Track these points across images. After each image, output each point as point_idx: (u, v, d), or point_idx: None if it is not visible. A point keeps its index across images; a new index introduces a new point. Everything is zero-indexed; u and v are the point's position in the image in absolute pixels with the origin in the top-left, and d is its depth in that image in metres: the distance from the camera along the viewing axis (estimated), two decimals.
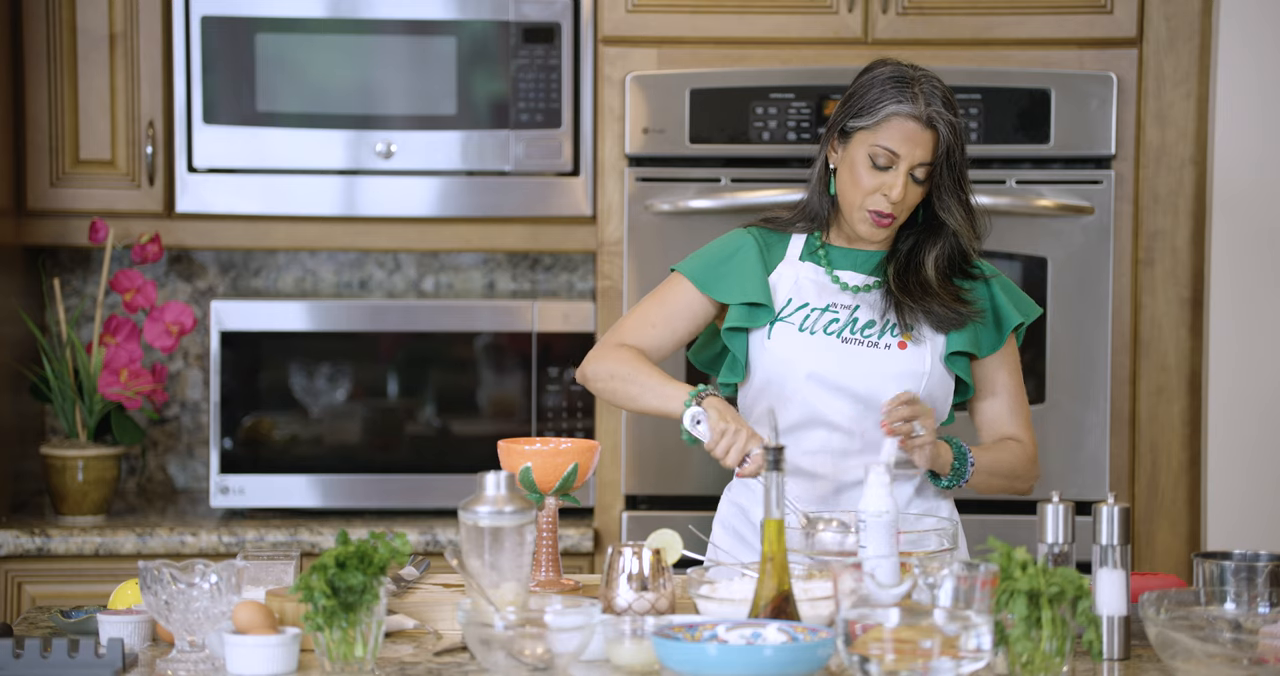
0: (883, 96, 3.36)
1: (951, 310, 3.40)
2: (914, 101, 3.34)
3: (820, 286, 3.44)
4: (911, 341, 3.40)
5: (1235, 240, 4.39)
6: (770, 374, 3.41)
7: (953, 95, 3.40)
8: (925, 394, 3.40)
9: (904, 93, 3.35)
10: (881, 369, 3.38)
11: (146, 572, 2.74)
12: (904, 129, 3.34)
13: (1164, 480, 4.49)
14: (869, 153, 3.36)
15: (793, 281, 3.44)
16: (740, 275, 3.44)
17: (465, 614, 2.61)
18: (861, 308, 3.42)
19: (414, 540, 4.38)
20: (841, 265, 3.46)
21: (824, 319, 3.41)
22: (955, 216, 3.40)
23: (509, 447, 3.17)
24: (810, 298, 3.43)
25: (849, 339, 3.40)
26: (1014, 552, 2.61)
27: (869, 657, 2.44)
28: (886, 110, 3.35)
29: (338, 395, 4.57)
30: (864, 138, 3.36)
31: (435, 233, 4.60)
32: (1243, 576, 2.88)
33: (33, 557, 4.37)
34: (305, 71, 4.55)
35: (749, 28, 4.46)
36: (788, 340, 3.40)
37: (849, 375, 3.38)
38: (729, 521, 3.51)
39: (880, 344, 3.40)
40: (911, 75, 3.37)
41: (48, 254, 4.84)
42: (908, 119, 3.34)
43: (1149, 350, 4.48)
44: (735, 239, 3.50)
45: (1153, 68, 4.46)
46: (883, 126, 3.35)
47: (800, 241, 3.48)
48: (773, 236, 3.50)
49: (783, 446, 2.72)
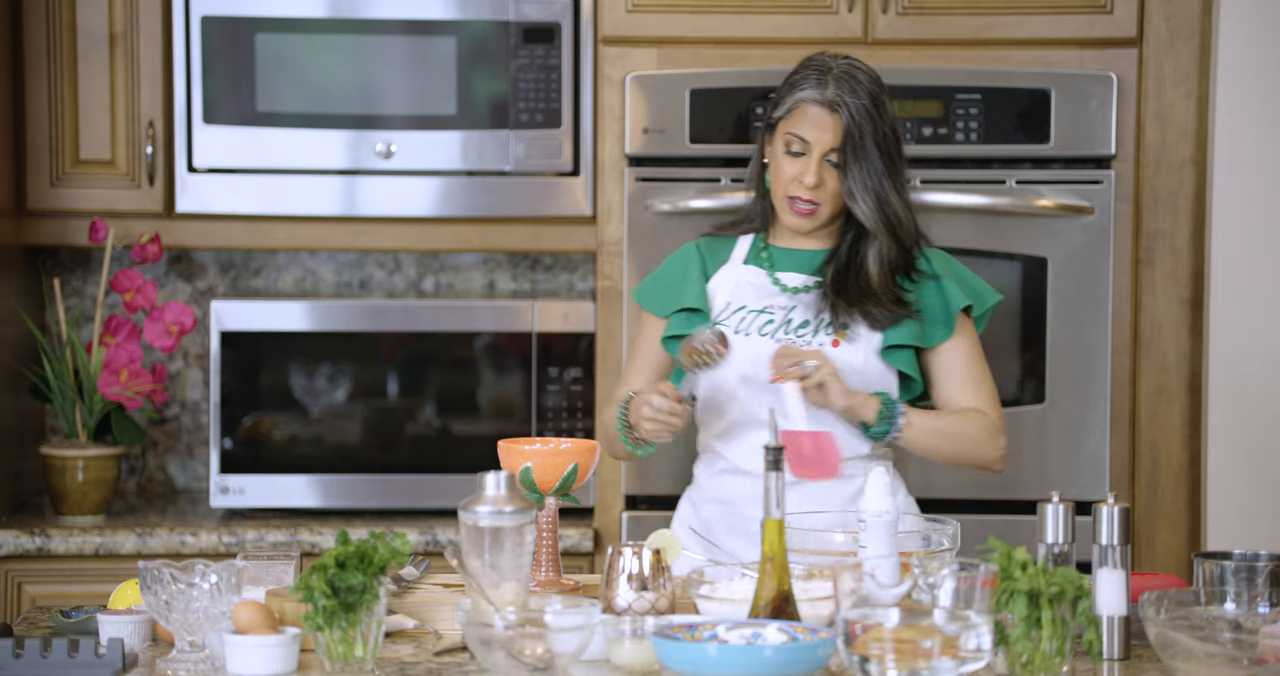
0: (795, 86, 3.45)
1: (888, 310, 3.43)
2: (822, 88, 3.41)
3: (760, 289, 3.48)
4: (845, 340, 3.43)
5: (1235, 240, 4.39)
6: (710, 377, 3.44)
7: (879, 87, 3.44)
8: (863, 391, 3.42)
9: (813, 79, 3.43)
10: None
11: (146, 572, 2.74)
12: (811, 115, 3.41)
13: (1164, 480, 4.49)
14: (785, 141, 3.44)
15: (733, 285, 3.49)
16: (679, 287, 3.50)
17: (465, 614, 2.61)
18: (798, 308, 3.46)
19: (414, 540, 4.38)
20: (783, 266, 3.50)
21: (759, 320, 3.45)
22: (861, 207, 3.42)
23: (509, 447, 3.18)
24: (748, 300, 3.47)
25: (781, 339, 3.43)
26: (1014, 552, 2.61)
27: (869, 657, 2.44)
28: (796, 97, 3.43)
29: (338, 395, 4.57)
30: (781, 127, 3.45)
31: (435, 233, 4.60)
32: (1243, 576, 2.88)
33: (33, 557, 4.37)
34: (305, 71, 4.55)
35: (749, 28, 4.46)
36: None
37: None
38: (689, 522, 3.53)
39: (813, 343, 3.43)
40: (829, 64, 3.45)
41: (48, 254, 4.84)
42: (813, 104, 3.41)
43: (1149, 350, 4.48)
44: (679, 255, 3.59)
45: (1153, 68, 4.46)
46: (794, 114, 3.43)
47: (746, 244, 3.55)
48: (718, 243, 3.57)
49: (781, 446, 2.72)
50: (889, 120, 3.43)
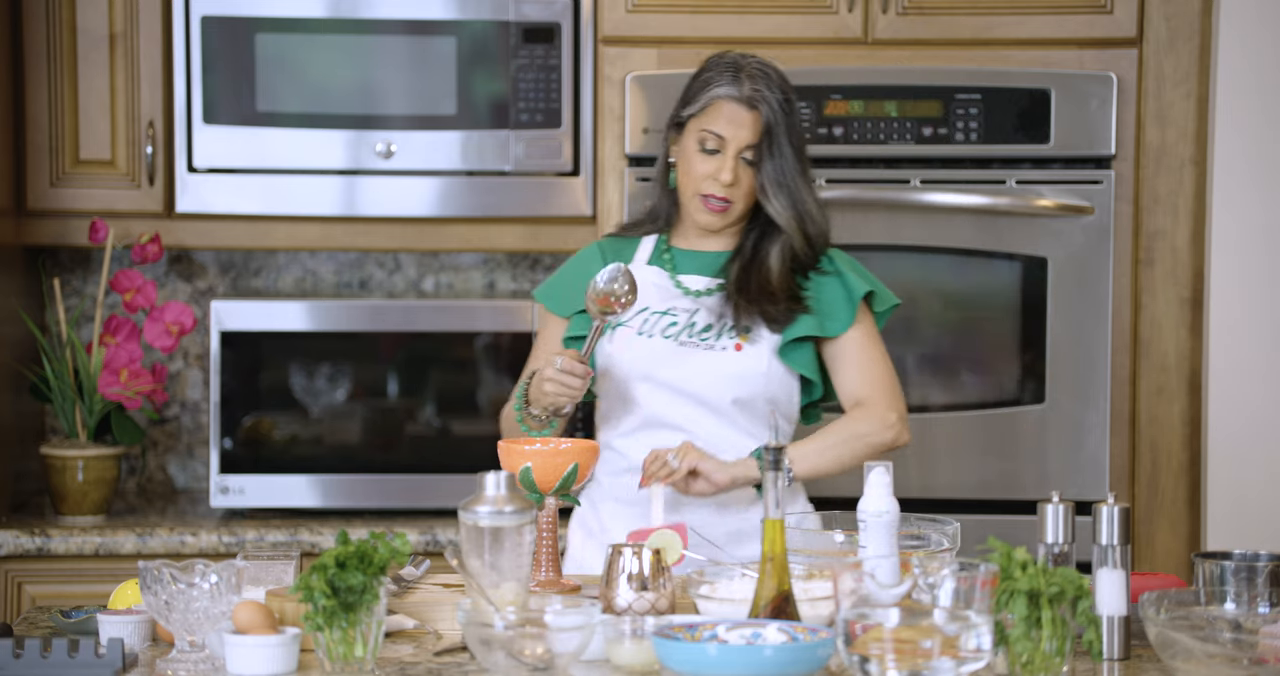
0: (709, 82, 3.45)
1: (785, 309, 3.43)
2: (737, 84, 3.41)
3: (663, 290, 3.49)
4: (748, 342, 3.43)
5: (1235, 240, 4.39)
6: (613, 377, 3.48)
7: (788, 84, 3.45)
8: (766, 394, 3.44)
9: (728, 76, 3.43)
10: (717, 370, 3.44)
11: (146, 572, 2.74)
12: (727, 111, 3.42)
13: (1164, 480, 4.49)
14: (698, 138, 3.44)
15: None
16: (581, 287, 3.49)
17: (465, 614, 2.61)
18: (700, 310, 3.47)
19: (414, 540, 4.38)
20: (686, 268, 3.51)
21: (662, 322, 3.46)
22: (776, 205, 3.44)
23: (509, 447, 3.18)
24: (651, 301, 3.48)
25: (685, 342, 3.44)
26: (1014, 552, 2.61)
27: (869, 657, 2.44)
28: (711, 94, 3.43)
29: (338, 395, 4.57)
30: (694, 125, 3.45)
31: (435, 233, 4.60)
32: (1243, 576, 2.88)
33: (33, 557, 4.37)
34: (305, 71, 4.55)
35: (749, 28, 4.46)
36: (626, 343, 3.47)
37: (684, 377, 3.44)
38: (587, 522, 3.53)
39: (716, 346, 3.44)
40: (741, 62, 3.45)
41: (48, 254, 4.84)
42: (730, 101, 3.42)
43: (1149, 350, 4.48)
44: (582, 255, 3.60)
45: (1153, 68, 4.46)
46: (709, 110, 3.43)
47: (650, 245, 3.56)
48: (621, 243, 3.58)
49: (783, 446, 2.72)
50: (799, 119, 3.45)
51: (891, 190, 4.39)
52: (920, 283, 4.44)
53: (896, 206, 4.40)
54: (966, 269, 4.43)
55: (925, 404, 4.44)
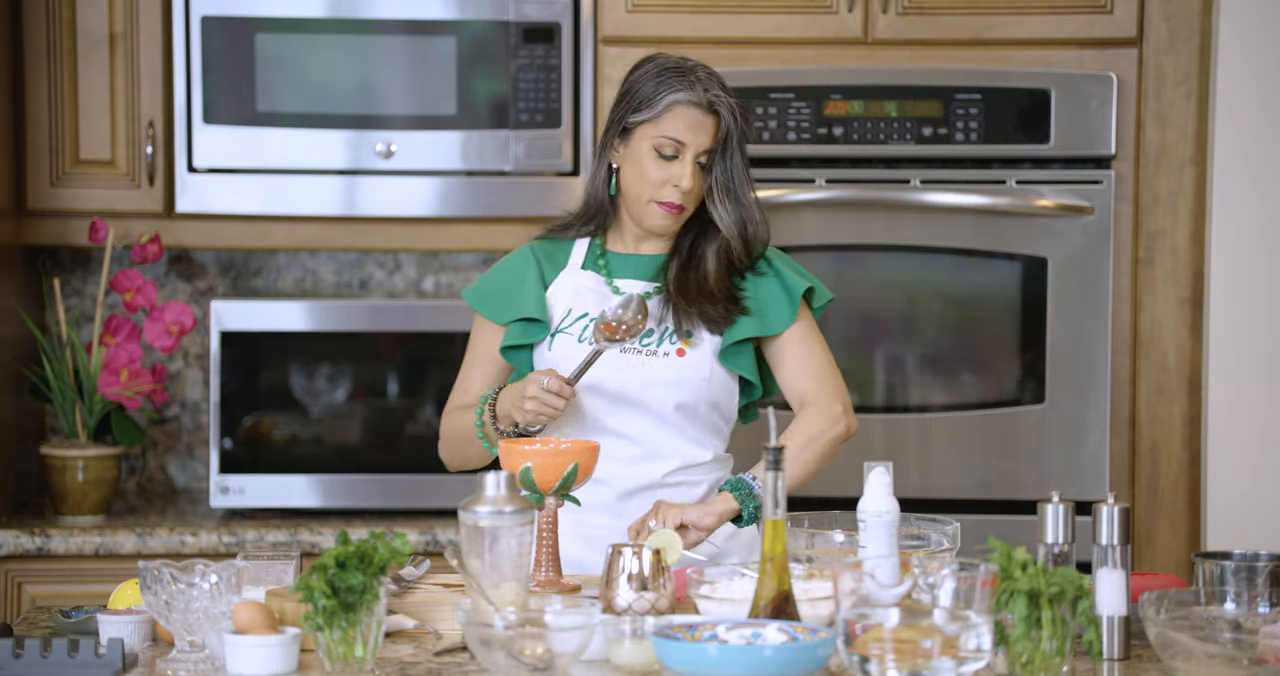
0: (661, 87, 3.37)
1: (724, 310, 3.41)
2: (693, 88, 3.36)
3: (600, 296, 3.45)
4: (690, 347, 3.41)
5: (1235, 240, 4.39)
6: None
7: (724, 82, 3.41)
8: (708, 397, 3.42)
9: (682, 81, 3.37)
10: (661, 376, 3.41)
11: (146, 572, 2.74)
12: (686, 116, 3.36)
13: (1164, 480, 4.49)
14: (654, 145, 3.37)
15: (573, 291, 3.46)
16: (516, 293, 3.46)
17: (465, 614, 2.61)
18: None
19: (414, 540, 4.38)
20: (621, 273, 3.47)
21: None
22: (724, 208, 3.40)
23: (509, 447, 3.17)
24: (590, 307, 3.44)
25: (627, 348, 3.41)
26: (1014, 552, 2.61)
27: (869, 657, 2.44)
28: (668, 99, 3.36)
29: (338, 395, 4.57)
30: (647, 131, 3.38)
31: (435, 233, 4.60)
32: (1243, 576, 2.88)
33: (33, 557, 4.37)
34: (305, 71, 4.55)
35: (749, 28, 4.46)
36: (567, 351, 3.42)
37: (629, 384, 3.40)
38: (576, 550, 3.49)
39: (659, 352, 3.41)
40: (686, 65, 3.40)
41: (48, 254, 4.84)
42: (689, 106, 3.36)
43: (1149, 350, 4.48)
44: (514, 258, 3.53)
45: (1153, 68, 4.46)
46: (665, 116, 3.37)
47: (583, 248, 3.50)
48: (553, 246, 3.52)
49: (782, 446, 2.72)
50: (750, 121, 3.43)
51: (891, 190, 4.40)
52: (920, 283, 4.44)
53: (896, 206, 4.40)
54: (966, 269, 4.43)
55: (925, 404, 4.44)
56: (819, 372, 3.44)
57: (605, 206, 3.47)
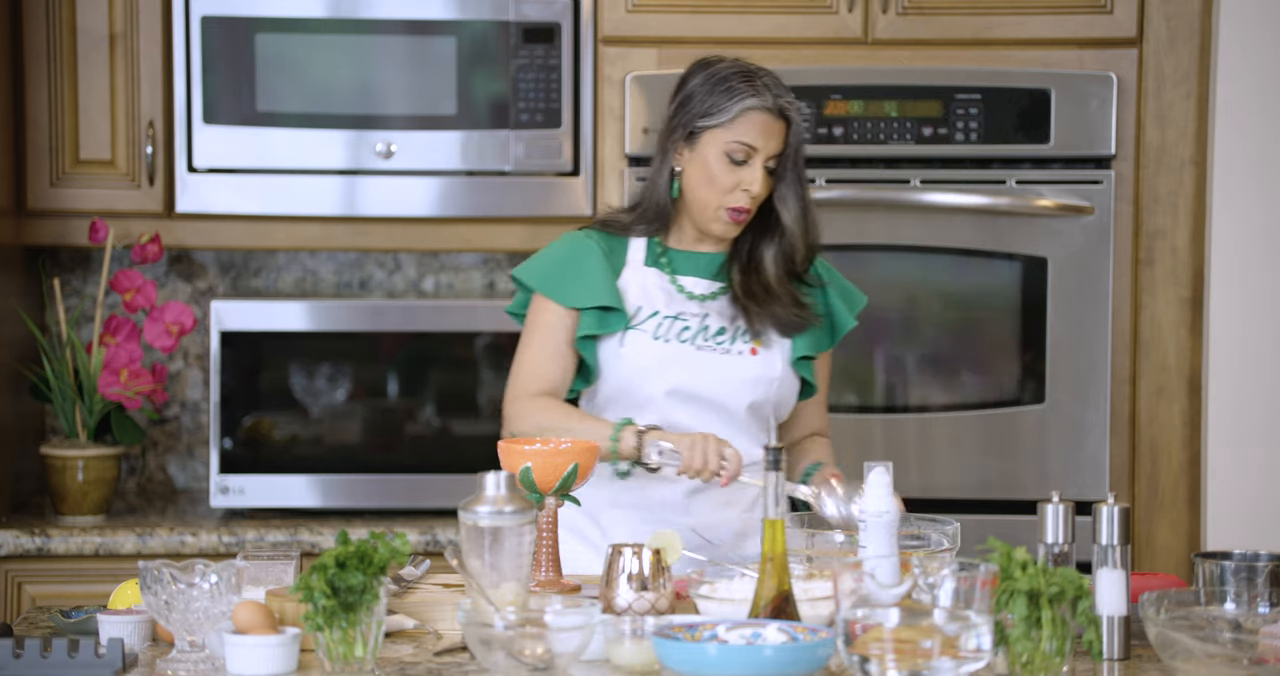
0: (732, 93, 3.37)
1: (793, 314, 3.43)
2: (762, 94, 3.36)
3: (667, 294, 3.45)
4: (762, 347, 3.43)
5: (1235, 240, 4.39)
6: (624, 382, 3.41)
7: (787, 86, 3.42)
8: (775, 398, 3.43)
9: (751, 86, 3.37)
10: (734, 375, 3.41)
11: (146, 572, 2.74)
12: (759, 122, 3.36)
13: (1164, 480, 4.49)
14: (725, 150, 3.37)
15: (640, 287, 3.45)
16: (589, 279, 3.43)
17: (465, 614, 2.61)
18: (711, 315, 3.43)
19: (414, 540, 4.38)
20: (684, 271, 3.47)
21: (676, 327, 3.42)
22: (791, 211, 3.42)
23: (509, 447, 3.17)
24: (660, 305, 3.43)
25: (702, 346, 3.41)
26: (1014, 552, 2.61)
27: (869, 657, 2.44)
28: (741, 105, 3.36)
29: (338, 395, 4.57)
30: (718, 136, 3.37)
31: (435, 233, 4.60)
32: (1243, 576, 2.88)
33: (33, 557, 4.37)
34: (305, 71, 4.55)
35: (749, 28, 4.46)
36: (642, 348, 3.41)
37: (703, 383, 3.41)
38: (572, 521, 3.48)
39: (732, 350, 3.42)
40: (751, 70, 3.40)
41: (48, 254, 4.84)
42: (761, 112, 3.36)
43: (1149, 350, 4.48)
44: (576, 242, 3.48)
45: (1153, 68, 4.46)
46: (738, 122, 3.36)
47: (641, 246, 3.49)
48: (613, 240, 3.49)
49: (782, 446, 2.72)
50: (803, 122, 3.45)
51: (891, 190, 4.40)
52: (920, 283, 4.44)
53: (896, 206, 4.40)
54: (966, 269, 4.43)
55: (925, 404, 4.44)
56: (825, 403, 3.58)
57: (668, 209, 3.46)
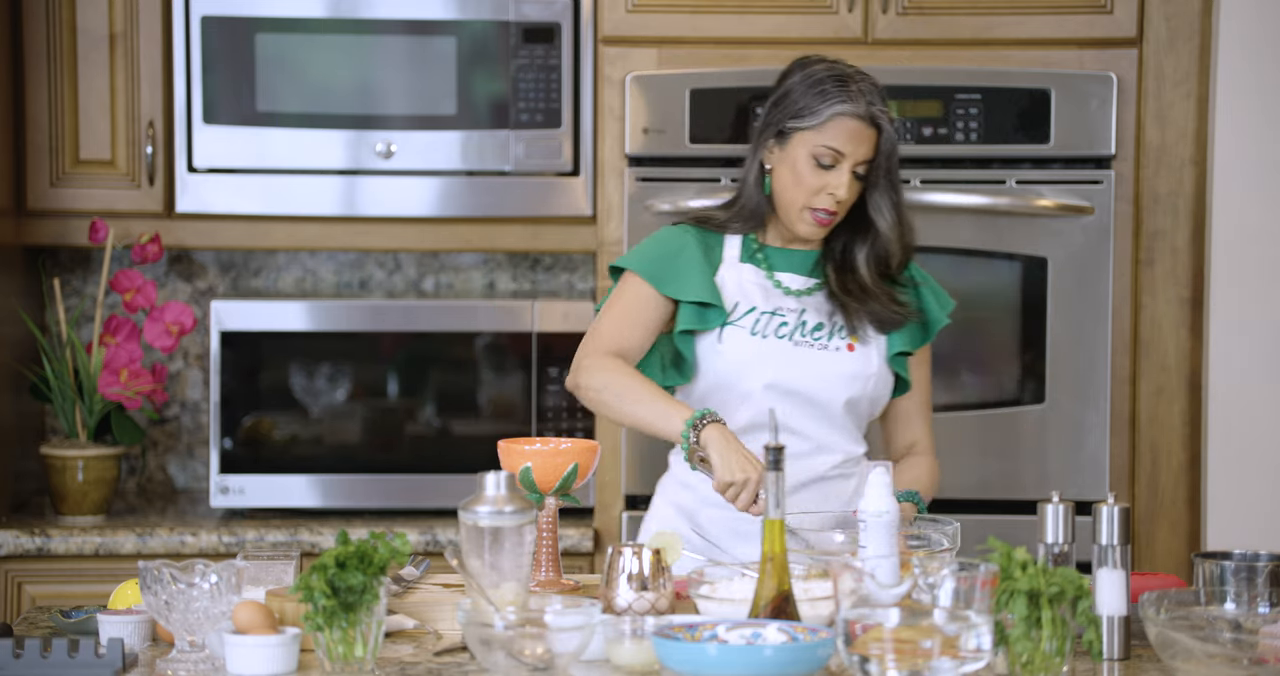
0: (824, 97, 3.38)
1: (891, 310, 3.44)
2: (855, 100, 3.37)
3: (764, 289, 3.45)
4: (859, 343, 3.43)
5: (1235, 240, 4.39)
6: (722, 377, 3.41)
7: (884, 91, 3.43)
8: (871, 393, 3.44)
9: (844, 91, 3.37)
10: (832, 370, 3.42)
11: (146, 572, 2.74)
12: (848, 128, 3.36)
13: (1164, 480, 4.49)
14: (813, 153, 3.37)
15: (736, 283, 3.45)
16: (689, 273, 3.43)
17: (465, 614, 2.61)
18: (808, 310, 3.44)
19: (414, 540, 4.38)
20: (780, 267, 3.48)
21: (773, 322, 3.42)
22: (885, 218, 3.42)
23: (509, 447, 3.17)
24: (757, 301, 3.44)
25: (799, 342, 3.42)
26: (1014, 552, 2.61)
27: (869, 657, 2.44)
28: (831, 110, 3.36)
29: (338, 395, 4.57)
30: (807, 138, 3.38)
31: (435, 233, 4.60)
32: (1243, 576, 2.88)
33: (33, 557, 4.37)
34: (305, 71, 4.55)
35: (749, 28, 4.46)
36: (740, 344, 3.41)
37: (800, 378, 3.41)
38: (670, 522, 3.50)
39: (830, 346, 3.42)
40: (847, 73, 3.40)
41: (48, 254, 4.84)
42: (851, 118, 3.36)
43: (1149, 350, 4.48)
44: (675, 236, 3.48)
45: (1153, 68, 4.46)
46: (827, 126, 3.37)
47: (736, 243, 3.49)
48: (710, 237, 3.50)
49: (782, 446, 2.72)
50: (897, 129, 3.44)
51: None
52: None
53: None
54: (966, 269, 4.43)
55: None
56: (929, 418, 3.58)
57: (762, 206, 3.46)
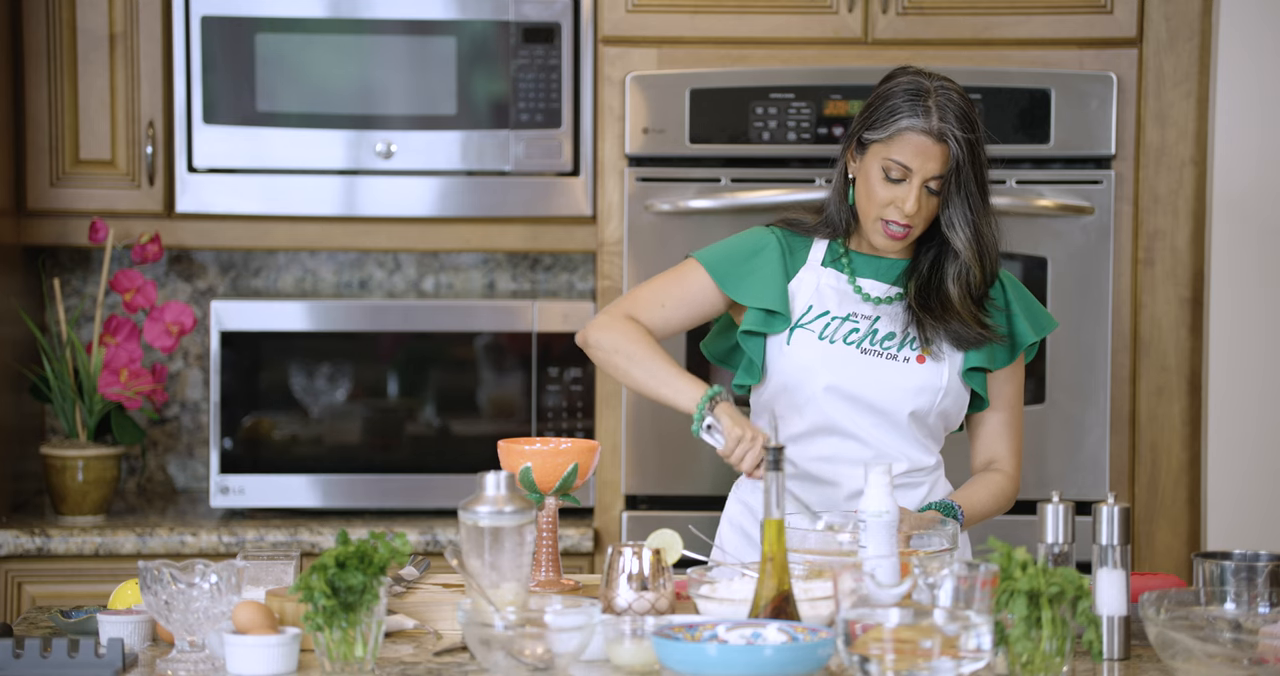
0: (896, 110, 3.32)
1: (972, 330, 3.39)
2: (926, 116, 3.30)
3: (842, 294, 3.41)
4: (930, 356, 3.39)
5: (1235, 240, 4.39)
6: (788, 380, 3.39)
7: (972, 108, 3.35)
8: (940, 408, 3.40)
9: (917, 106, 3.31)
10: (899, 382, 3.38)
11: (146, 572, 2.74)
12: (915, 143, 3.30)
13: (1164, 480, 4.49)
14: (882, 166, 3.32)
15: (814, 288, 3.42)
16: (761, 277, 3.41)
17: (465, 614, 2.61)
18: (882, 319, 3.40)
19: (414, 540, 4.38)
20: (865, 273, 3.44)
21: (844, 328, 3.38)
22: (960, 236, 3.36)
23: (509, 447, 3.18)
24: (831, 306, 3.40)
25: (868, 350, 3.38)
26: (1014, 552, 2.61)
27: (869, 657, 2.44)
28: (899, 125, 3.31)
29: (338, 395, 4.57)
30: (878, 150, 3.33)
31: (435, 233, 4.60)
32: (1243, 576, 2.88)
33: (33, 557, 4.37)
34: (305, 71, 4.55)
35: (749, 28, 4.46)
36: (807, 348, 3.38)
37: (866, 386, 3.37)
38: (737, 520, 3.50)
39: (899, 357, 3.38)
40: (928, 87, 3.33)
41: (48, 254, 4.84)
42: (919, 134, 3.30)
43: (1149, 350, 4.48)
44: (759, 237, 3.46)
45: (1153, 68, 4.46)
46: (895, 140, 3.31)
47: (823, 246, 3.45)
48: (796, 240, 3.46)
49: (782, 446, 2.72)
50: (984, 146, 3.38)
51: None
52: None
53: None
54: None
55: None
56: (1017, 438, 3.49)
57: (844, 213, 3.43)
